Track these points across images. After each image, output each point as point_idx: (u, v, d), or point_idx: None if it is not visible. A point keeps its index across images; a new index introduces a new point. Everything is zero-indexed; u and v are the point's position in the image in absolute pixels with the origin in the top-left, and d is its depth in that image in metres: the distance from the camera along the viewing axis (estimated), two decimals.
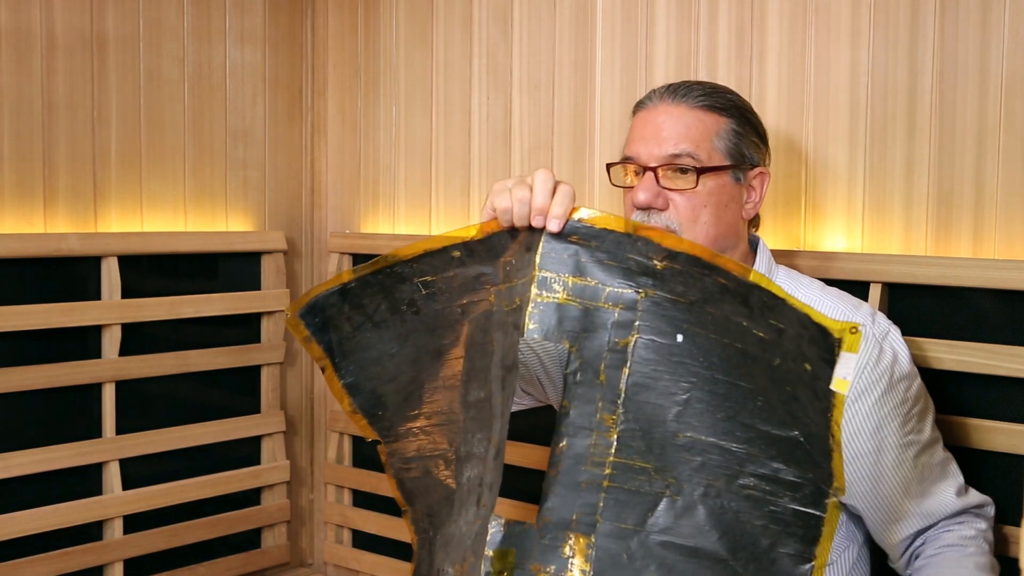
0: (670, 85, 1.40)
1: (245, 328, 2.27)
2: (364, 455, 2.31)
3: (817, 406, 0.98)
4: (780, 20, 1.68)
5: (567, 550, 1.08)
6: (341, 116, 2.35)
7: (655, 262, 1.07)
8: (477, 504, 1.12)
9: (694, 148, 1.34)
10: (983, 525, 1.36)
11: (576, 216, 1.09)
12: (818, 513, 1.01)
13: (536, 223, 1.09)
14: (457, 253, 1.16)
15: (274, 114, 2.33)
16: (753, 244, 1.45)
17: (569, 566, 1.07)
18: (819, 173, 1.65)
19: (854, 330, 0.94)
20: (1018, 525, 1.42)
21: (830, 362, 0.95)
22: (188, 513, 2.15)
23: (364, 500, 2.30)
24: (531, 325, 1.09)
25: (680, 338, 1.07)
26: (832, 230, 1.64)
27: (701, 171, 1.34)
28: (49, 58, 1.96)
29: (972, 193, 1.51)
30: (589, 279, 1.10)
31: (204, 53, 2.19)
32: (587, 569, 1.07)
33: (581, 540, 1.07)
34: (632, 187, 1.38)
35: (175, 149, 2.15)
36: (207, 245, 2.18)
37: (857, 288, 1.51)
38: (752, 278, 1.03)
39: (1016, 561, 1.39)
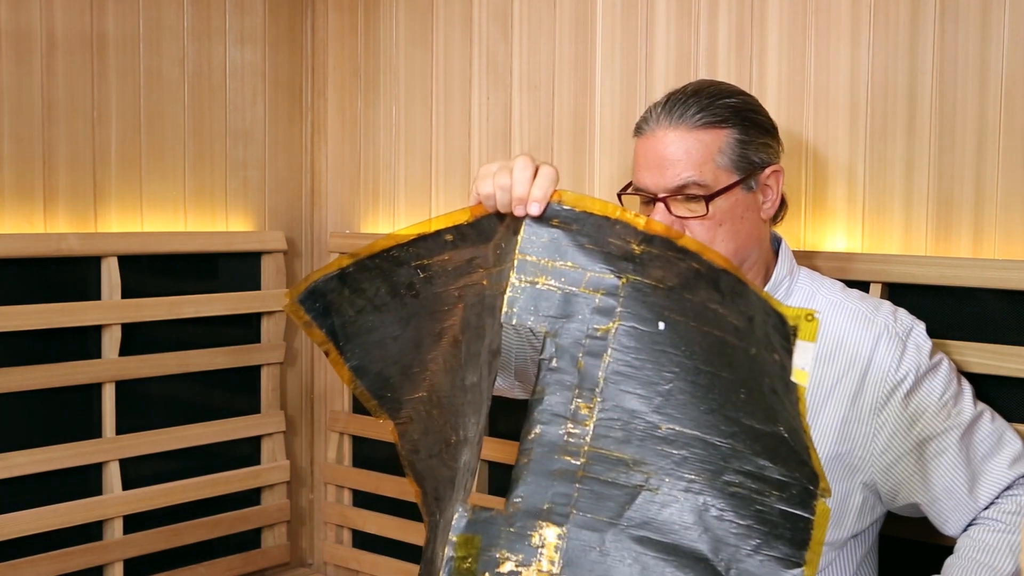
0: (667, 100, 1.37)
1: (245, 328, 2.27)
2: (364, 455, 2.31)
3: (791, 399, 0.95)
4: (780, 19, 1.68)
5: (536, 539, 1.05)
6: (341, 116, 2.35)
7: (633, 246, 1.05)
8: (464, 488, 1.11)
9: (698, 174, 1.32)
10: None
11: (557, 199, 1.08)
12: (806, 515, 0.98)
13: (517, 212, 1.08)
14: (450, 236, 1.15)
15: (274, 114, 2.32)
16: (776, 244, 1.45)
17: (537, 556, 1.04)
18: (819, 173, 1.65)
19: (810, 317, 0.91)
20: None
21: (790, 352, 0.93)
22: (188, 513, 2.14)
23: (364, 500, 2.30)
24: (507, 309, 1.07)
25: (662, 325, 1.04)
26: (832, 230, 1.64)
27: (709, 198, 1.32)
28: (49, 58, 1.95)
29: (972, 193, 1.51)
30: (569, 263, 1.07)
31: (204, 53, 2.19)
32: (556, 559, 1.04)
33: (552, 530, 1.05)
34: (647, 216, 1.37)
35: (175, 149, 2.15)
36: (207, 245, 2.18)
37: (857, 288, 1.50)
38: (719, 262, 1.00)
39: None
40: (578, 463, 1.05)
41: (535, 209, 1.07)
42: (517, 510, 1.05)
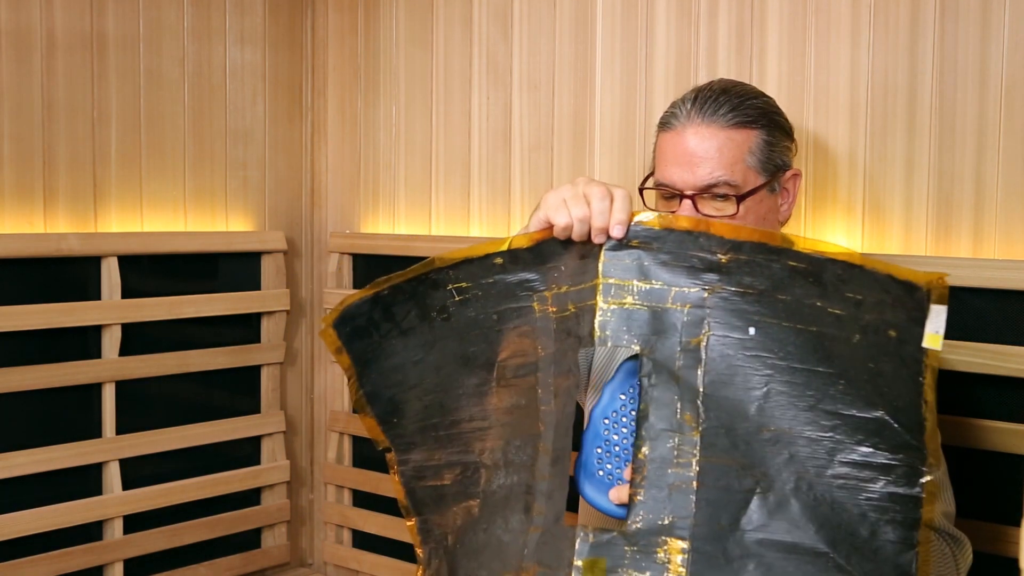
0: (696, 96, 1.35)
1: (245, 328, 2.27)
2: (364, 455, 2.31)
3: (905, 374, 0.95)
4: (780, 19, 1.68)
5: (662, 555, 1.06)
6: (341, 116, 2.35)
7: (719, 256, 1.07)
8: (526, 512, 1.11)
9: (729, 174, 1.31)
10: (946, 549, 1.28)
11: (635, 220, 1.10)
12: (914, 493, 0.97)
13: (598, 240, 1.11)
14: (500, 260, 1.16)
15: (274, 114, 2.32)
16: None
17: (665, 571, 1.05)
18: (819, 173, 1.65)
19: (940, 280, 0.92)
20: (1018, 525, 1.41)
21: (920, 320, 0.93)
22: (188, 513, 2.15)
23: (364, 500, 2.30)
24: (599, 332, 1.09)
25: (752, 331, 1.06)
26: (832, 230, 1.64)
27: (741, 198, 1.32)
28: (49, 58, 1.95)
29: (972, 193, 1.51)
30: (655, 282, 1.10)
31: (204, 53, 2.19)
32: (683, 572, 1.05)
33: (675, 544, 1.06)
34: (671, 212, 1.34)
35: (175, 149, 2.15)
36: (207, 245, 2.18)
37: None
38: (823, 248, 1.01)
39: (1016, 561, 1.39)
40: (691, 474, 1.06)
41: (619, 232, 1.10)
42: (638, 528, 1.07)
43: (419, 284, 1.19)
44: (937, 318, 0.94)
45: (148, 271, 2.10)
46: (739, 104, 1.34)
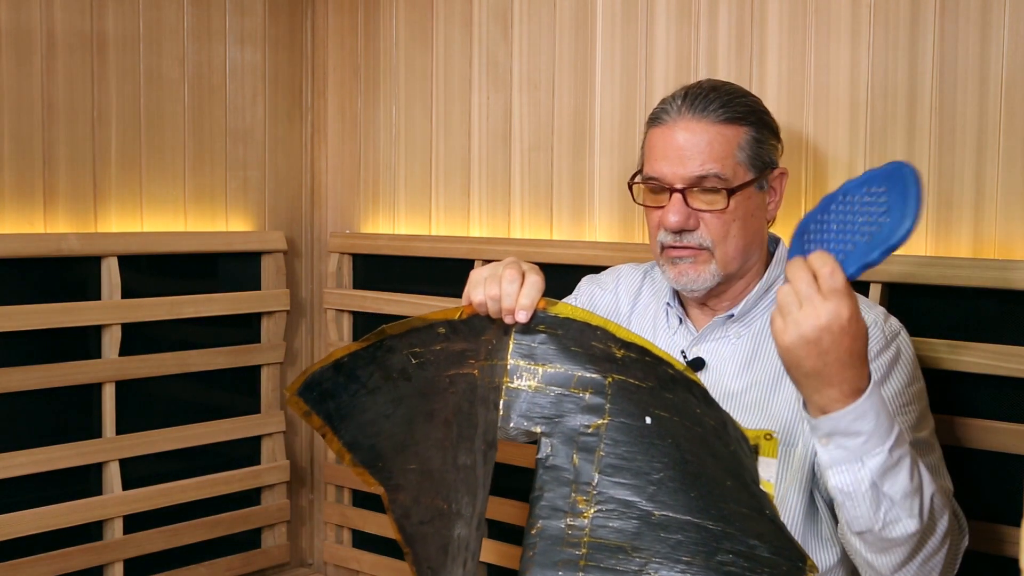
0: (686, 94, 1.37)
1: (245, 328, 2.27)
2: None
3: (768, 497, 1.02)
4: (780, 20, 1.68)
5: None
6: (341, 116, 2.35)
7: (614, 350, 1.13)
8: (463, 567, 1.18)
9: (720, 167, 1.32)
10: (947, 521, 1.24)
11: (543, 307, 1.16)
12: None
13: (507, 321, 1.17)
14: (443, 330, 1.22)
15: (274, 114, 2.32)
16: (774, 245, 1.44)
17: None
18: (819, 173, 1.65)
19: (768, 437, 0.98)
20: (1018, 525, 1.41)
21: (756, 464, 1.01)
22: (188, 513, 2.15)
23: (364, 500, 2.30)
24: (503, 413, 1.16)
25: (648, 420, 1.11)
26: None
27: (732, 191, 1.32)
28: (49, 58, 1.95)
29: (972, 193, 1.51)
30: (558, 366, 1.17)
31: (204, 53, 2.19)
32: None
33: None
34: (658, 207, 1.36)
35: (175, 149, 2.15)
36: (207, 245, 2.18)
37: (857, 288, 1.50)
38: (691, 376, 1.07)
39: (1016, 561, 1.39)
40: (580, 553, 1.13)
41: (522, 316, 1.17)
42: None
43: (376, 350, 1.25)
44: (767, 469, 1.03)
45: (148, 271, 2.10)
46: (728, 101, 1.35)
